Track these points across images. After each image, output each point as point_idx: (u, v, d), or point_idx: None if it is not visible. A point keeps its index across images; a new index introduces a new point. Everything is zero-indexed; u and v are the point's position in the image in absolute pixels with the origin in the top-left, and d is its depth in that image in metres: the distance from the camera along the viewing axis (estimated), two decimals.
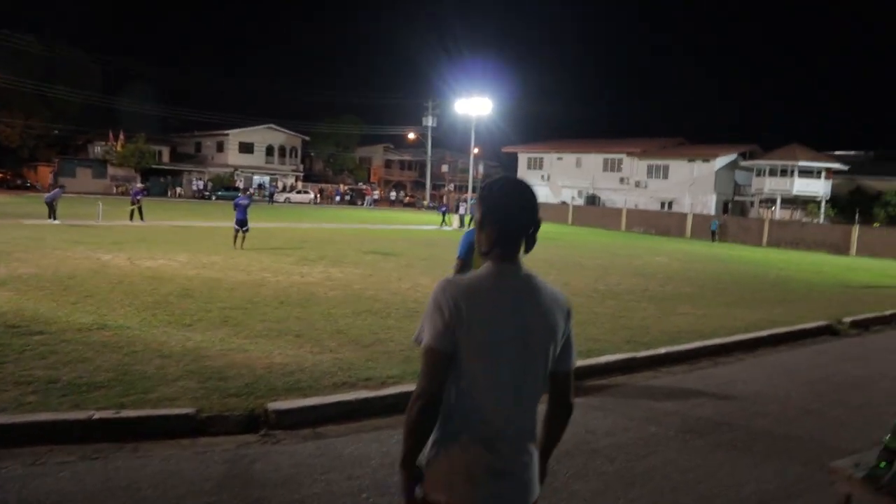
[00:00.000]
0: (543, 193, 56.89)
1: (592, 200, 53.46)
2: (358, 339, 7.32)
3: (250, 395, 5.14)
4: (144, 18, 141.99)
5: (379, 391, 5.44)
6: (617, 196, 51.82)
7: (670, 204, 48.99)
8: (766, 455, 4.78)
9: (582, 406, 5.73)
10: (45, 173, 56.83)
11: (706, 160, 48.17)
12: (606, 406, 5.78)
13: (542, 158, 58.88)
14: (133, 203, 24.18)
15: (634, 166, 51.65)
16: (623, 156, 52.38)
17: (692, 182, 48.40)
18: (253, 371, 5.80)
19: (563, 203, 52.66)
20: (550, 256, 19.25)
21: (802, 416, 5.74)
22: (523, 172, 60.27)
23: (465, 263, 6.31)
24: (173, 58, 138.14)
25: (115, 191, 53.20)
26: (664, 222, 42.39)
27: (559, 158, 57.34)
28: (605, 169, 53.92)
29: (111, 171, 55.68)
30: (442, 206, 40.96)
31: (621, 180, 52.32)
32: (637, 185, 51.11)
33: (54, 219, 21.41)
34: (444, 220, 33.29)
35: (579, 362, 6.81)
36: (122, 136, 55.86)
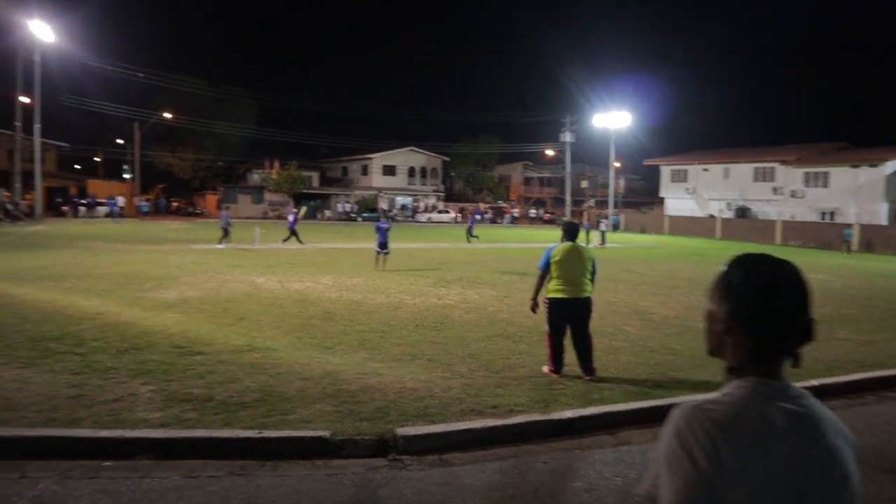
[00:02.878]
0: (689, 207, 54.53)
1: (742, 213, 50.37)
2: (489, 364, 7.38)
3: (381, 420, 5.35)
4: (298, 57, 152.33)
5: (506, 419, 5.46)
6: (770, 207, 48.53)
7: (832, 214, 45.12)
8: None
9: None
10: (211, 201, 62.32)
11: (874, 165, 43.89)
12: None
13: (686, 170, 56.43)
14: (290, 230, 25.51)
15: (789, 175, 48.13)
16: (776, 164, 48.99)
17: (857, 190, 44.28)
18: (385, 395, 6.02)
19: (711, 216, 50.04)
20: (695, 274, 18.36)
21: None
22: (666, 185, 58.14)
23: (543, 276, 7.07)
24: (322, 89, 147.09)
25: (270, 215, 57.21)
26: (824, 234, 39.07)
27: (705, 169, 54.66)
28: (755, 179, 50.67)
29: (267, 196, 60.01)
30: (585, 223, 40.08)
31: (774, 190, 48.93)
32: (792, 194, 47.55)
33: (220, 243, 23.39)
34: (586, 237, 32.66)
35: None
36: (276, 164, 60.17)
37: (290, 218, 26.24)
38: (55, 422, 5.08)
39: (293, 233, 25.32)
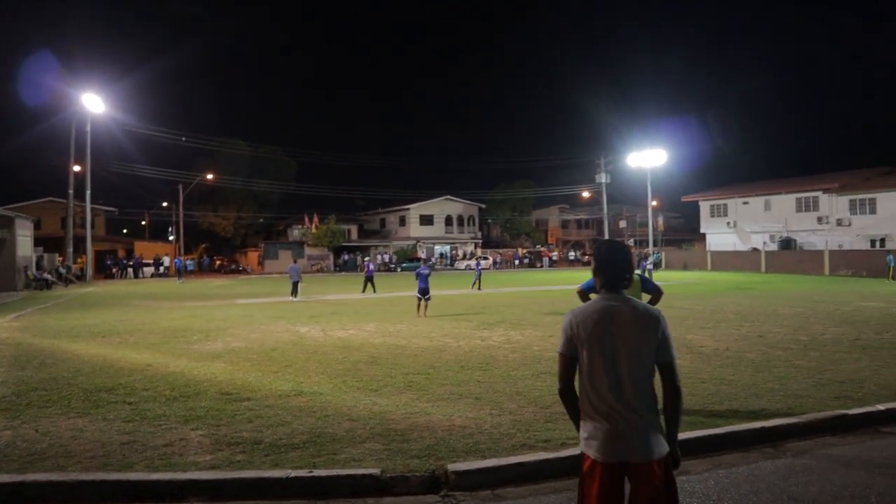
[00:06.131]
0: (730, 241, 53.62)
1: (787, 244, 49.22)
2: (537, 400, 7.26)
3: (431, 457, 5.27)
4: (331, 113, 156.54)
5: (558, 452, 5.32)
6: (816, 238, 47.33)
7: (882, 241, 43.75)
8: None
9: (783, 470, 5.20)
10: (253, 258, 63.52)
11: None
12: (813, 471, 5.18)
13: (725, 204, 55.68)
14: (368, 278, 27.48)
15: (833, 203, 47.02)
16: (819, 193, 48.00)
17: None
18: (434, 433, 5.94)
19: (754, 249, 49.05)
20: (742, 308, 17.93)
21: None
22: (706, 221, 57.39)
23: (584, 293, 7.20)
24: (356, 144, 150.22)
25: (312, 269, 57.94)
26: (876, 262, 37.83)
27: (745, 203, 53.85)
28: (798, 209, 49.64)
29: (308, 251, 60.88)
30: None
31: (819, 220, 47.79)
32: (839, 223, 46.34)
33: (295, 297, 23.46)
34: None
35: (777, 421, 6.24)
36: (315, 219, 61.21)
37: (370, 267, 28.57)
38: (109, 466, 5.13)
39: (368, 281, 27.31)
